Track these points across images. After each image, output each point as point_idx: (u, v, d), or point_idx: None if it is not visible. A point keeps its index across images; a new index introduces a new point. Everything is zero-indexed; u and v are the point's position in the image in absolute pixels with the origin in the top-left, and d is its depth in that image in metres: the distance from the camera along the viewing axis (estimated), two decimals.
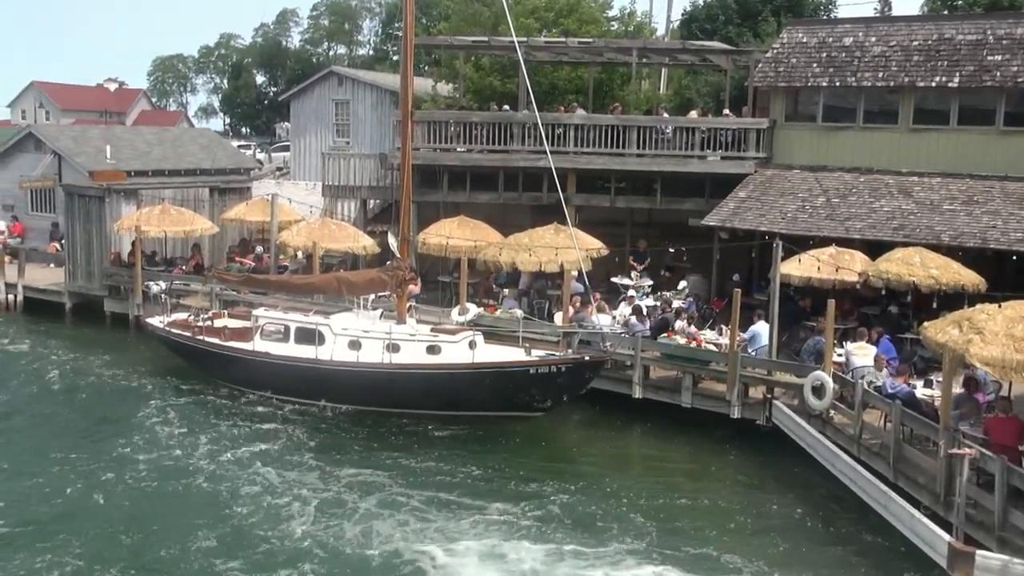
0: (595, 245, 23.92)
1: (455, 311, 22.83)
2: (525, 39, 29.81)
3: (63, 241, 30.57)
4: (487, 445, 19.20)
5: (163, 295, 24.39)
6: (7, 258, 31.02)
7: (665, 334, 20.80)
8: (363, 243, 26.83)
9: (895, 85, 24.03)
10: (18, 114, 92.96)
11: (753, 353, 19.80)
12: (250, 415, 20.79)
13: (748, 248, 23.89)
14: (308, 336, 21.14)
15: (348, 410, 20.79)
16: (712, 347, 20.24)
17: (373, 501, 16.37)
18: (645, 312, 22.16)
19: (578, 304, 22.25)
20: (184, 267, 28.82)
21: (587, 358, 19.53)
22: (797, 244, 20.80)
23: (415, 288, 23.94)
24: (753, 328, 20.30)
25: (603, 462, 18.70)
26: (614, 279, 25.62)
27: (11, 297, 30.45)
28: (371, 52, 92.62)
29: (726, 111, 27.94)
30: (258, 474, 17.39)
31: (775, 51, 25.99)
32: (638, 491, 17.12)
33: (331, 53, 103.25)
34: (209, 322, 22.89)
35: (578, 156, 26.65)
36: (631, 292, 23.97)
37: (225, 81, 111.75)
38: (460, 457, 18.51)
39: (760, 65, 25.98)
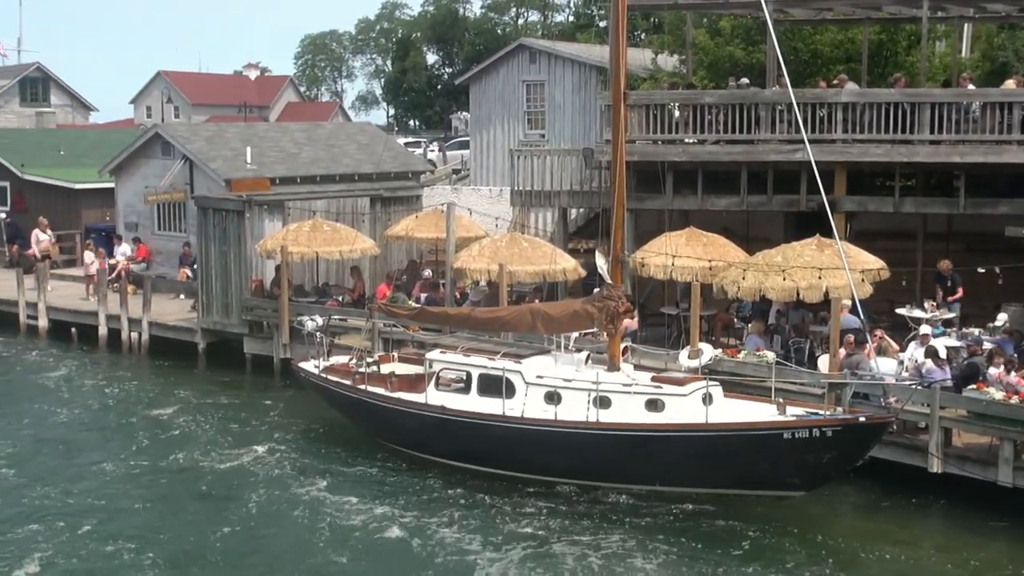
0: (873, 264, 23.35)
1: (684, 354, 22.77)
2: None
3: (195, 266, 32.43)
4: (729, 536, 19.00)
5: (319, 333, 25.28)
6: (131, 287, 33.24)
7: (974, 385, 20.08)
8: (563, 265, 27.20)
9: None
10: (142, 111, 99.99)
11: None
12: (428, 489, 21.32)
13: None
14: (493, 386, 21.57)
15: (544, 483, 21.07)
16: None
17: None
18: (945, 355, 21.45)
19: (851, 344, 21.77)
20: (341, 297, 30.04)
21: (863, 418, 19.06)
22: None
23: (631, 324, 24.03)
24: None
25: (889, 560, 18.18)
26: (900, 310, 24.93)
27: (135, 335, 32.51)
28: (571, 18, 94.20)
29: None
30: None
31: None
32: None
33: (520, 22, 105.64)
34: (375, 367, 23.72)
35: (848, 146, 26.11)
36: (925, 328, 23.24)
37: (389, 63, 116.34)
38: (699, 556, 18.38)
39: None
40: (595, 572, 17.61)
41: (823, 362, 22.09)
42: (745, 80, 29.69)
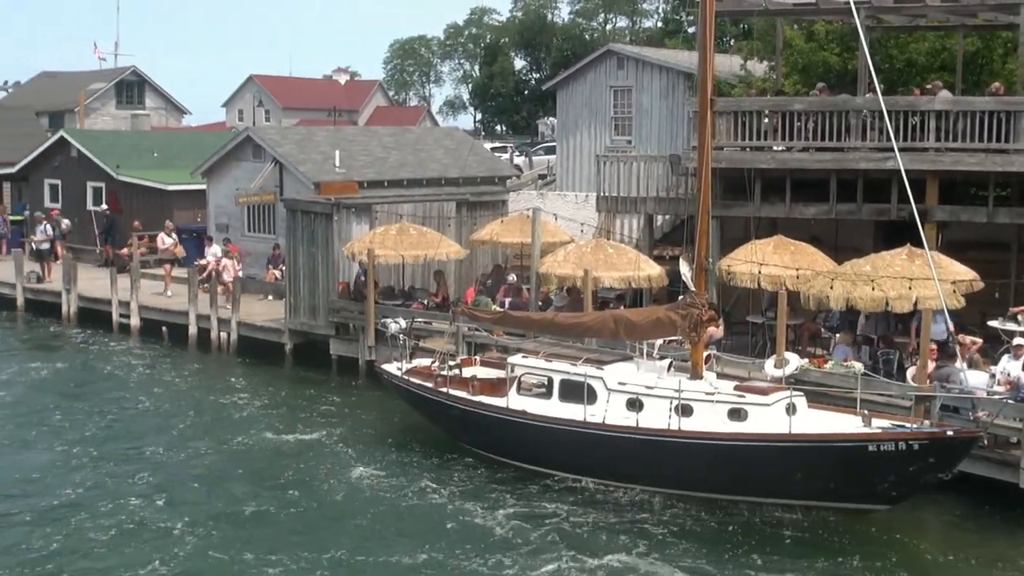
0: (965, 275, 22.99)
1: (769, 363, 22.60)
2: None
3: (284, 268, 32.88)
4: (805, 545, 18.86)
5: (402, 335, 25.51)
6: (220, 288, 33.80)
7: None
8: (648, 272, 27.16)
9: None
10: (234, 115, 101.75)
11: None
12: (506, 493, 21.35)
13: None
14: (574, 391, 21.60)
15: (620, 489, 21.07)
16: None
17: None
18: None
19: (934, 352, 21.48)
20: (425, 301, 30.26)
21: (951, 432, 18.77)
22: None
23: (716, 332, 23.90)
24: None
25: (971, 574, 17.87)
26: (993, 322, 24.45)
27: (224, 335, 33.09)
28: (660, 24, 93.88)
29: None
30: None
31: None
32: None
33: (608, 27, 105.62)
34: (456, 371, 23.89)
35: (941, 154, 25.73)
36: (1019, 339, 22.80)
37: (477, 68, 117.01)
38: (775, 562, 18.25)
39: None
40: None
41: (911, 374, 21.81)
42: (821, 84, 29.46)
